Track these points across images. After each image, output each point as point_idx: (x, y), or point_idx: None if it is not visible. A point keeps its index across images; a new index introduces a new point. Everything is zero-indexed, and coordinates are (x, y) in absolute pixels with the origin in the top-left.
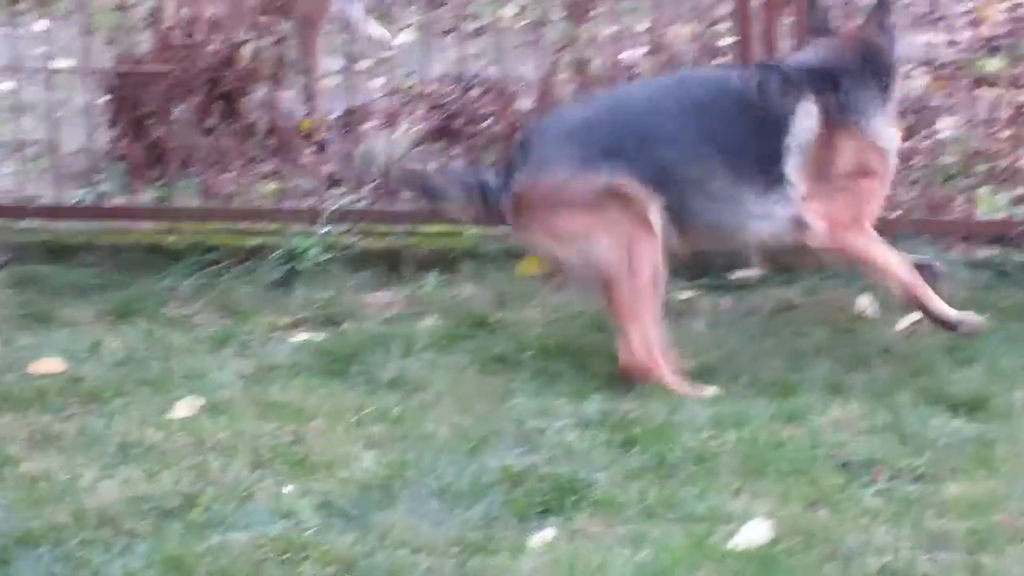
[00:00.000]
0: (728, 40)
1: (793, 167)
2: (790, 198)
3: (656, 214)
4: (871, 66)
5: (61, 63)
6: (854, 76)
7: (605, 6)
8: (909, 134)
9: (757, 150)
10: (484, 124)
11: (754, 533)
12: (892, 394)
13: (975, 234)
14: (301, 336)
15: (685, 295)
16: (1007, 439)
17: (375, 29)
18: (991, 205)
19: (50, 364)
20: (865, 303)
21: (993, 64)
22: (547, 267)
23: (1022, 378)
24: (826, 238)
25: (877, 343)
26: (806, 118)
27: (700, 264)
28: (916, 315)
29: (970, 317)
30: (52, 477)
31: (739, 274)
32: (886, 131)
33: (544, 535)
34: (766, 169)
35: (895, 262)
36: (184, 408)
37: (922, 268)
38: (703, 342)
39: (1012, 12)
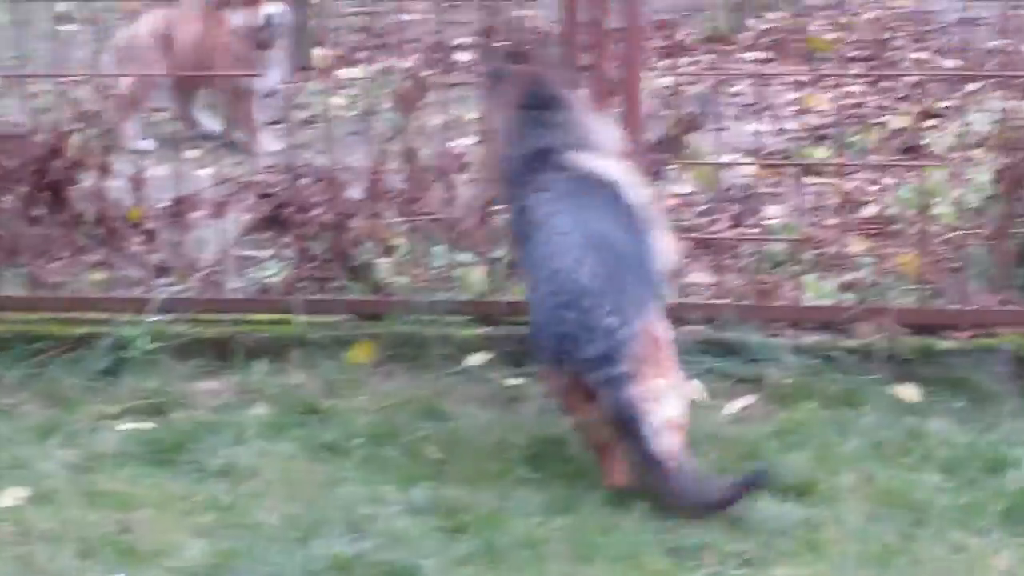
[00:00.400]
0: None
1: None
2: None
3: None
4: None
5: None
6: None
7: (434, 97)
8: (737, 221)
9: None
10: (314, 213)
11: None
12: (721, 478)
13: (803, 320)
14: (129, 425)
15: (514, 382)
16: (834, 522)
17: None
18: (818, 291)
19: None
20: (695, 387)
21: (820, 153)
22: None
23: (848, 462)
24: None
25: (706, 428)
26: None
27: (528, 351)
28: (746, 400)
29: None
30: None
31: None
32: None
33: None
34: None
35: None
36: (9, 498)
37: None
38: (533, 428)
39: (837, 102)
